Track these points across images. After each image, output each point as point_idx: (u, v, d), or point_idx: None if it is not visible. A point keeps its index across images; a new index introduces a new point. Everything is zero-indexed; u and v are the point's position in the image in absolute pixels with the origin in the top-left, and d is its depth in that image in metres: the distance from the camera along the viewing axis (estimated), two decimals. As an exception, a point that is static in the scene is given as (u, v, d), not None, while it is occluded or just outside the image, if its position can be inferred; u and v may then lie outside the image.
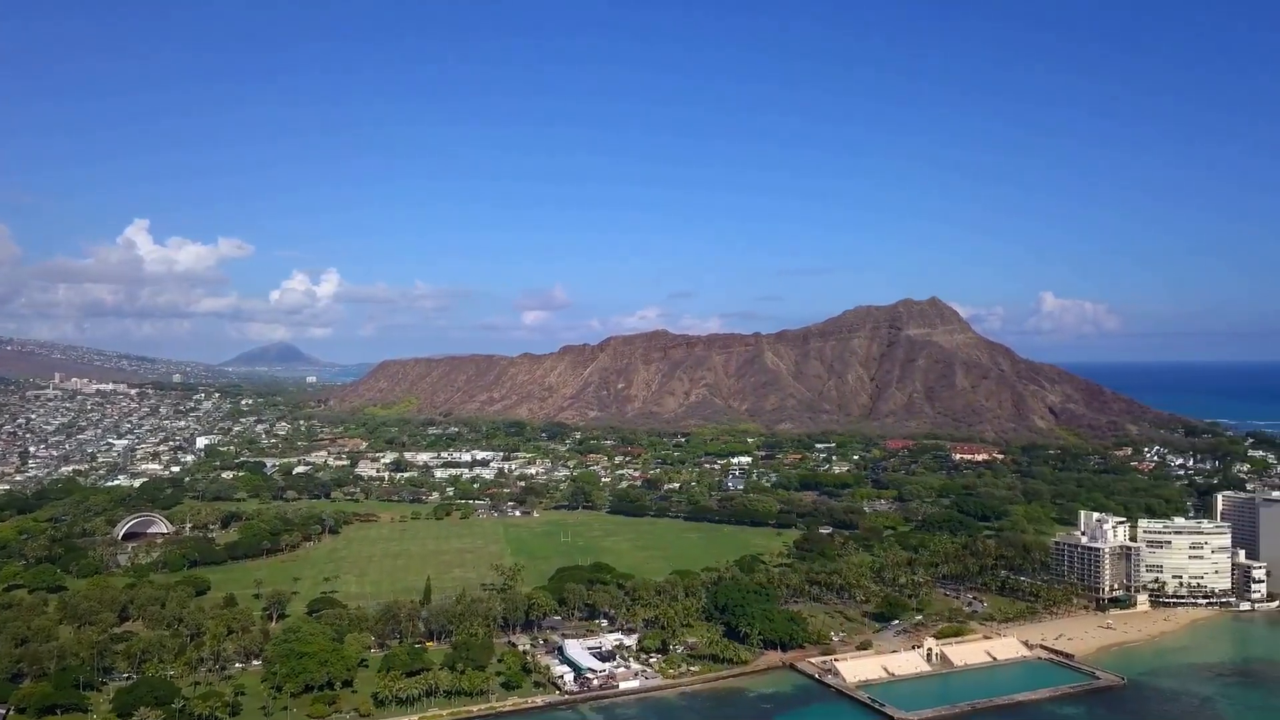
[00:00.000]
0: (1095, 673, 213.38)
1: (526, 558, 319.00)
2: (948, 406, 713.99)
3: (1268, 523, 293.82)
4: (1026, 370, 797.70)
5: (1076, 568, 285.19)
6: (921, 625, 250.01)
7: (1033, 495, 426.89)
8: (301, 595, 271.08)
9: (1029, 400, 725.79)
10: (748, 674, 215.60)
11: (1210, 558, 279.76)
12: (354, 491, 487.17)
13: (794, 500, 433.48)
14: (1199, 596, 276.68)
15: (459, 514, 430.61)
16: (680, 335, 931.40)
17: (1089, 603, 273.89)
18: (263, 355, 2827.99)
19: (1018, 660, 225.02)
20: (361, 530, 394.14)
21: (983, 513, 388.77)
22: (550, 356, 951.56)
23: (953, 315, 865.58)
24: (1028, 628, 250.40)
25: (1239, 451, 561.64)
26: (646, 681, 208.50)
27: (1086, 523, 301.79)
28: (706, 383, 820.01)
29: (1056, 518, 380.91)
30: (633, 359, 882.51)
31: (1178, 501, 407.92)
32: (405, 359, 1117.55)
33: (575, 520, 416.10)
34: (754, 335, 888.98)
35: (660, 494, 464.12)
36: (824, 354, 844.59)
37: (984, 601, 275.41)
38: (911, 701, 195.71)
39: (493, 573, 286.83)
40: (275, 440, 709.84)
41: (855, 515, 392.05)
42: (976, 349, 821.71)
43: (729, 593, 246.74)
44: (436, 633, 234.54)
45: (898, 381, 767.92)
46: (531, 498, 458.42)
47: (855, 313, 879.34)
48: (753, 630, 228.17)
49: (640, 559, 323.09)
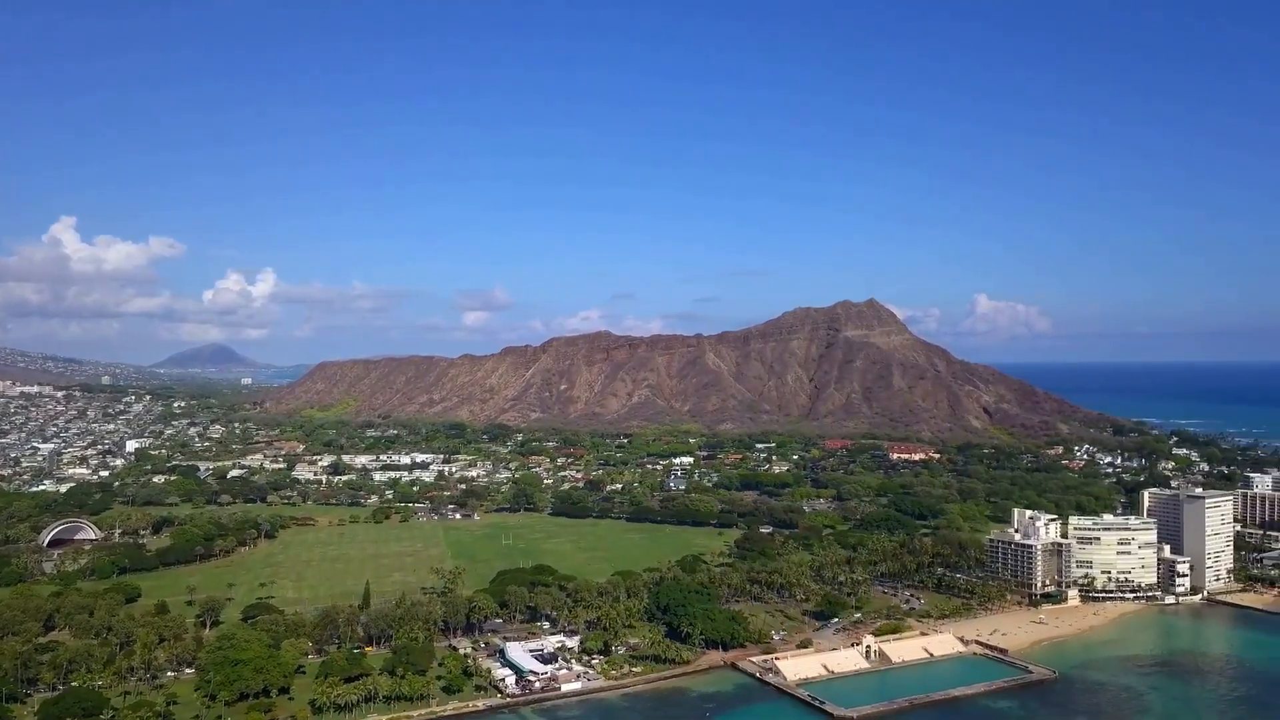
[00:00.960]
0: (1028, 667, 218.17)
1: (467, 560, 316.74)
2: (885, 407, 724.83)
3: (1190, 519, 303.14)
4: (962, 371, 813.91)
5: (1010, 564, 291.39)
6: (860, 623, 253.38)
7: (968, 494, 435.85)
8: (237, 601, 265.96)
9: (964, 400, 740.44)
10: (690, 674, 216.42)
11: (1137, 553, 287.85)
12: (291, 495, 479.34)
13: (735, 500, 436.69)
14: (1127, 591, 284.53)
15: (398, 517, 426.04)
16: (623, 336, 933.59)
17: (1022, 598, 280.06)
18: (196, 357, 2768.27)
19: (954, 656, 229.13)
20: (299, 534, 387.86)
21: (920, 511, 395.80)
22: (491, 358, 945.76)
23: (890, 317, 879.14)
24: (963, 624, 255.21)
25: (1164, 450, 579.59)
26: (589, 683, 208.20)
27: (1020, 520, 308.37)
28: (649, 384, 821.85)
29: (991, 516, 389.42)
30: (575, 360, 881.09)
31: (1107, 499, 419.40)
32: (343, 360, 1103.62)
33: (517, 522, 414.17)
34: (696, 336, 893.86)
35: (603, 495, 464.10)
36: (764, 355, 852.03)
37: (921, 599, 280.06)
38: (851, 699, 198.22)
39: (433, 576, 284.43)
40: (209, 443, 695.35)
41: (795, 514, 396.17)
42: (913, 350, 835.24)
43: (671, 593, 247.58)
44: (376, 637, 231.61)
45: (836, 382, 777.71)
46: (472, 500, 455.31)
47: (795, 314, 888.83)
48: (694, 630, 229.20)
49: (582, 560, 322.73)
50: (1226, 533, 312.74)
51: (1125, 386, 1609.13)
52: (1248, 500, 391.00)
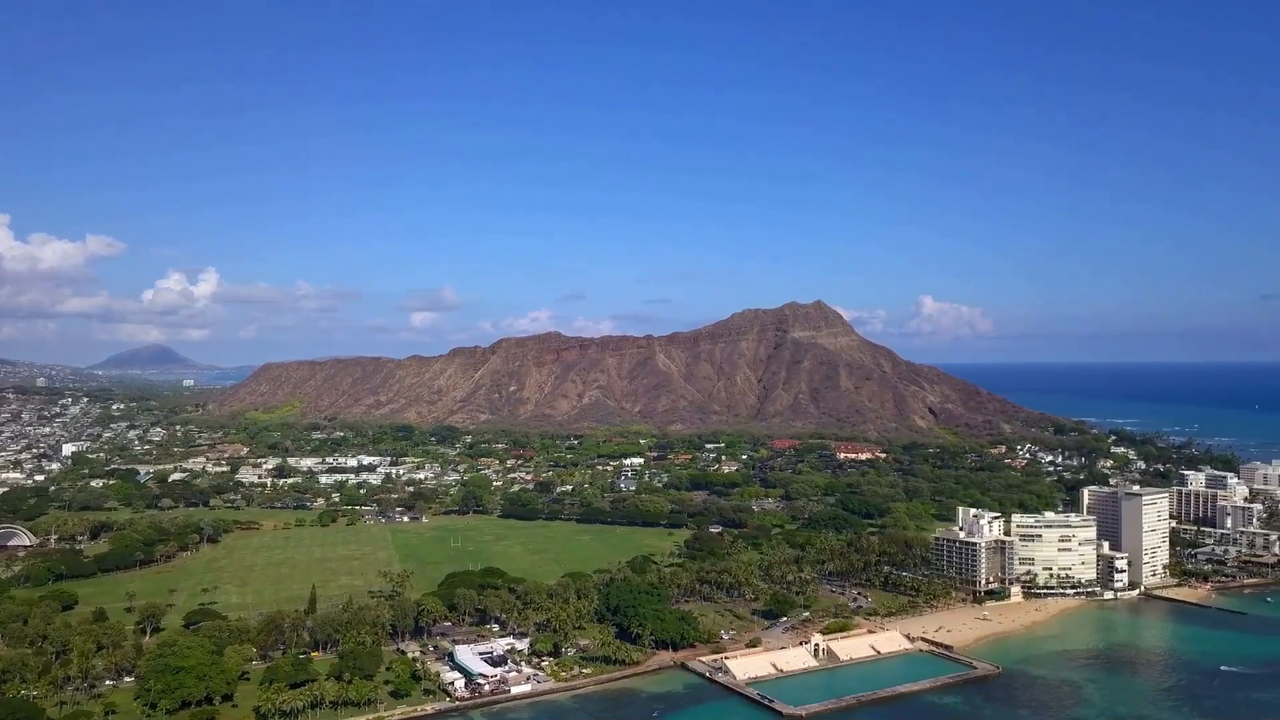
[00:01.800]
0: (973, 663, 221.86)
1: (416, 564, 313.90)
2: (832, 407, 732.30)
3: (1129, 515, 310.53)
4: (907, 371, 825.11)
5: (955, 562, 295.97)
6: (809, 622, 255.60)
7: (914, 493, 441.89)
8: (178, 608, 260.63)
9: (910, 400, 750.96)
10: (640, 674, 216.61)
11: (1078, 550, 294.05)
12: (234, 499, 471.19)
13: (685, 500, 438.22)
14: (1068, 587, 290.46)
15: (345, 520, 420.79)
16: (573, 337, 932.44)
17: (967, 595, 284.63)
18: (135, 358, 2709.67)
19: (900, 653, 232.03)
20: (242, 539, 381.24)
21: (866, 510, 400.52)
22: (440, 359, 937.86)
23: (837, 318, 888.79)
24: (909, 621, 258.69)
25: (1103, 448, 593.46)
26: (539, 685, 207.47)
27: (964, 519, 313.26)
28: (599, 385, 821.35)
29: (936, 514, 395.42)
30: (525, 361, 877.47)
31: (1048, 497, 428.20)
32: (288, 361, 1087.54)
33: (466, 525, 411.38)
34: (646, 337, 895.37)
35: (553, 496, 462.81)
36: (714, 356, 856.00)
37: (868, 597, 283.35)
38: (799, 696, 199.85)
39: (381, 579, 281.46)
40: (149, 447, 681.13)
41: (744, 514, 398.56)
42: (860, 351, 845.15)
43: (621, 594, 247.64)
44: (322, 642, 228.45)
45: (784, 382, 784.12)
46: (421, 503, 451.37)
47: (743, 315, 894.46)
48: (644, 630, 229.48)
49: (532, 562, 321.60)
50: (1162, 529, 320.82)
51: (1065, 387, 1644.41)
52: (1182, 497, 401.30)
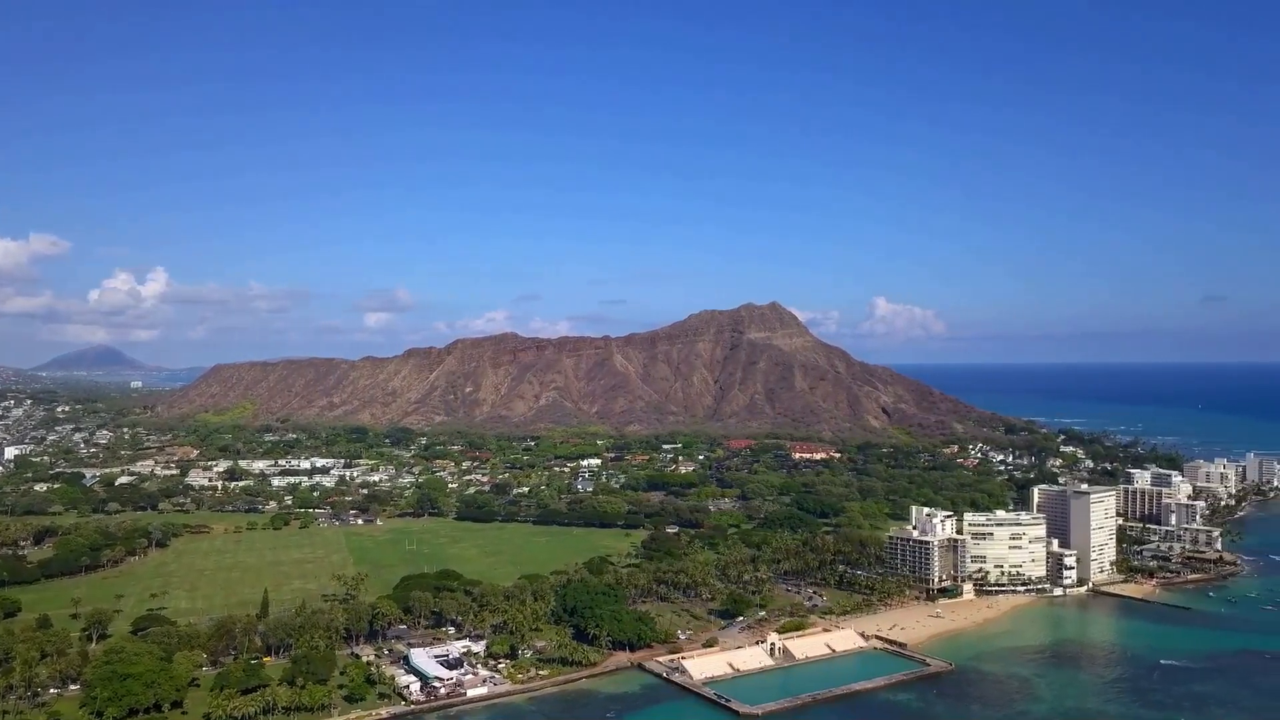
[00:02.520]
0: (926, 660, 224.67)
1: (370, 567, 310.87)
2: (787, 407, 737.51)
3: (1077, 514, 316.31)
4: (861, 372, 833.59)
5: (909, 560, 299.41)
6: (765, 621, 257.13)
7: (868, 492, 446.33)
8: (126, 613, 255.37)
9: (863, 401, 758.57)
10: (597, 675, 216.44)
11: (1028, 547, 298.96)
12: (184, 502, 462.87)
13: (642, 501, 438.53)
14: (1018, 584, 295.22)
15: (298, 523, 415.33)
16: (529, 338, 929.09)
17: (920, 593, 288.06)
18: (80, 359, 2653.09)
19: (855, 651, 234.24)
20: (192, 543, 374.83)
21: (821, 510, 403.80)
22: (394, 360, 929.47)
23: (792, 319, 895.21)
24: (864, 619, 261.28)
25: (1052, 448, 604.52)
26: (495, 688, 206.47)
27: (917, 517, 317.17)
28: (556, 386, 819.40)
29: (890, 513, 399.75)
30: (481, 362, 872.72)
31: (999, 495, 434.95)
32: (239, 363, 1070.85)
33: (421, 527, 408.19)
34: (603, 338, 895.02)
35: (509, 498, 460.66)
36: (671, 357, 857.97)
37: (823, 596, 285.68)
38: (756, 695, 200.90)
39: (335, 583, 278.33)
40: (96, 449, 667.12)
41: (700, 514, 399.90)
42: (814, 352, 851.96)
43: (578, 595, 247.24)
44: (275, 647, 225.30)
45: (740, 383, 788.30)
46: (375, 505, 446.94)
47: (700, 316, 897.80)
48: (601, 631, 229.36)
49: (488, 564, 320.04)
50: (1110, 526, 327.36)
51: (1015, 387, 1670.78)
52: (1129, 495, 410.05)
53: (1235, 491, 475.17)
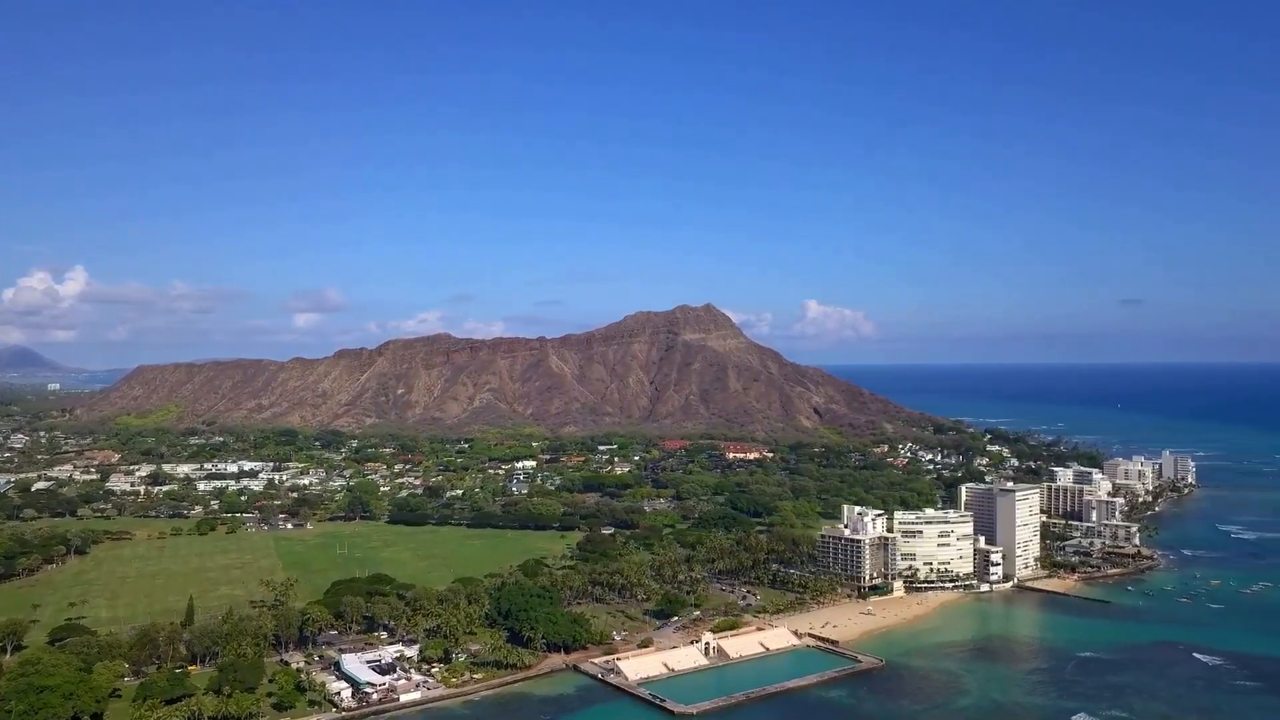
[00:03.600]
0: (858, 657, 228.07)
1: (300, 571, 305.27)
2: (722, 408, 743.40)
3: (1003, 511, 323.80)
4: (793, 373, 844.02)
5: (840, 559, 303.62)
6: (699, 620, 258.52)
7: (800, 491, 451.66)
8: (43, 624, 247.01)
9: (796, 401, 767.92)
10: (532, 678, 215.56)
11: (956, 545, 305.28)
12: (105, 508, 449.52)
13: (577, 502, 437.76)
14: (947, 581, 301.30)
15: (225, 528, 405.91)
16: (463, 339, 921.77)
17: (852, 591, 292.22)
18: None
19: (788, 649, 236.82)
20: (113, 550, 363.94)
21: (755, 509, 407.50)
22: (324, 361, 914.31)
23: (726, 321, 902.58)
24: (797, 618, 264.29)
25: (979, 447, 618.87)
26: (429, 692, 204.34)
27: (849, 516, 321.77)
28: (491, 387, 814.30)
29: (822, 512, 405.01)
30: (413, 363, 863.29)
31: (928, 494, 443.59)
32: (163, 364, 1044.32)
33: (353, 531, 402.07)
34: (539, 339, 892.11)
35: (442, 501, 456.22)
36: (607, 358, 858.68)
37: (757, 594, 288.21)
38: (691, 695, 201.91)
39: (263, 588, 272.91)
40: (10, 454, 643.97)
41: (636, 515, 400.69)
42: (748, 353, 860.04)
43: (512, 597, 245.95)
44: (201, 655, 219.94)
45: (675, 384, 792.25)
46: (305, 509, 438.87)
47: (635, 318, 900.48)
48: (536, 634, 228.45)
49: (422, 568, 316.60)
50: (1034, 523, 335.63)
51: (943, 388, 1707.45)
52: (1052, 492, 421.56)
53: (1152, 488, 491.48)
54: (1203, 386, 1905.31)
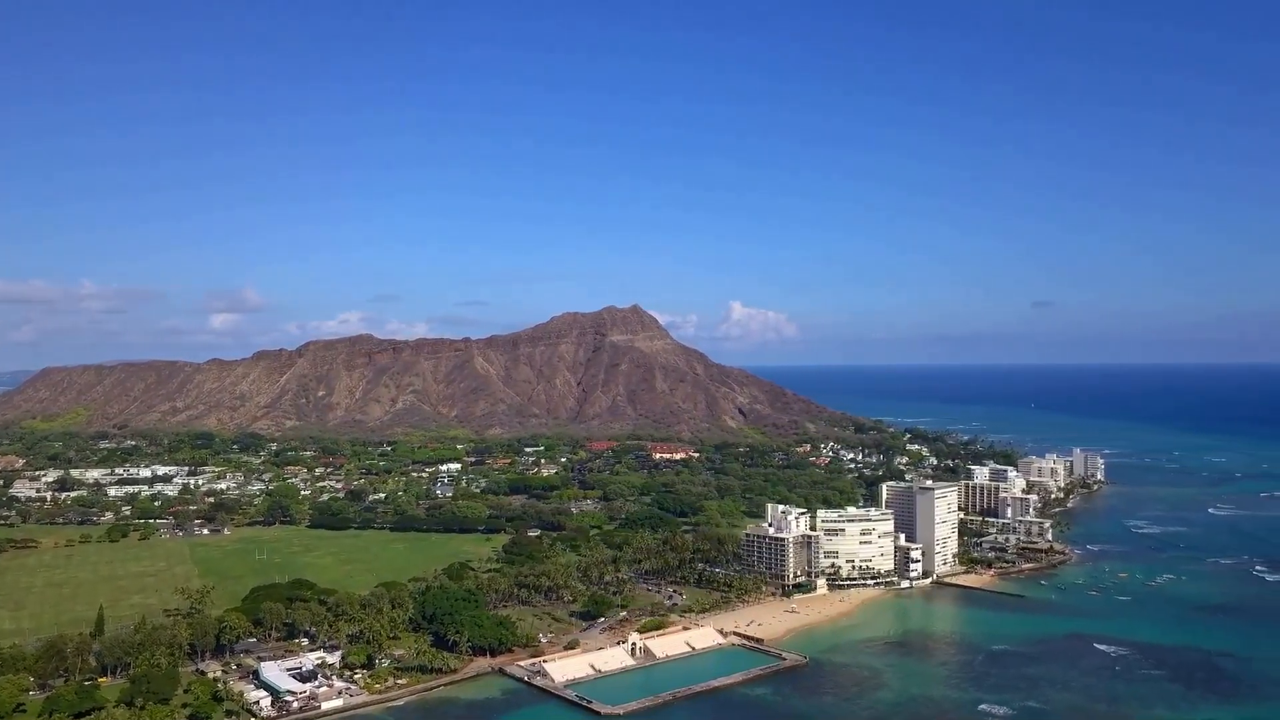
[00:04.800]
0: (782, 655, 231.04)
1: (217, 578, 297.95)
2: (649, 408, 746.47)
3: (922, 509, 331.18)
4: (718, 374, 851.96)
5: (765, 557, 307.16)
6: (626, 621, 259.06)
7: (725, 491, 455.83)
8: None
9: (721, 402, 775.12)
10: (457, 682, 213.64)
11: (877, 543, 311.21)
12: (8, 515, 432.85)
13: (503, 504, 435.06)
14: (868, 578, 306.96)
15: (138, 535, 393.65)
16: (386, 340, 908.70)
17: (776, 589, 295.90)
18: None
19: (714, 648, 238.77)
20: (17, 559, 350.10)
21: (681, 509, 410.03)
22: (243, 362, 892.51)
23: (652, 322, 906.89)
24: (723, 616, 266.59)
25: (899, 446, 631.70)
26: (351, 699, 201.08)
27: (773, 515, 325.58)
28: (414, 389, 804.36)
29: (747, 511, 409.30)
30: (334, 365, 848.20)
31: (850, 492, 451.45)
32: (71, 366, 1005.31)
33: (272, 536, 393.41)
34: (464, 340, 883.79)
35: (365, 505, 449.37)
36: (533, 359, 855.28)
37: (683, 594, 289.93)
38: (617, 696, 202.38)
39: (178, 596, 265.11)
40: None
41: (562, 516, 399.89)
42: (674, 354, 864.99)
43: (437, 601, 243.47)
44: (112, 667, 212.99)
45: (603, 385, 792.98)
46: (222, 514, 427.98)
47: (562, 319, 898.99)
48: (461, 637, 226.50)
49: (344, 573, 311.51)
50: (952, 521, 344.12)
51: (864, 388, 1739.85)
52: (969, 490, 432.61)
53: (1064, 485, 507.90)
54: (1110, 386, 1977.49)
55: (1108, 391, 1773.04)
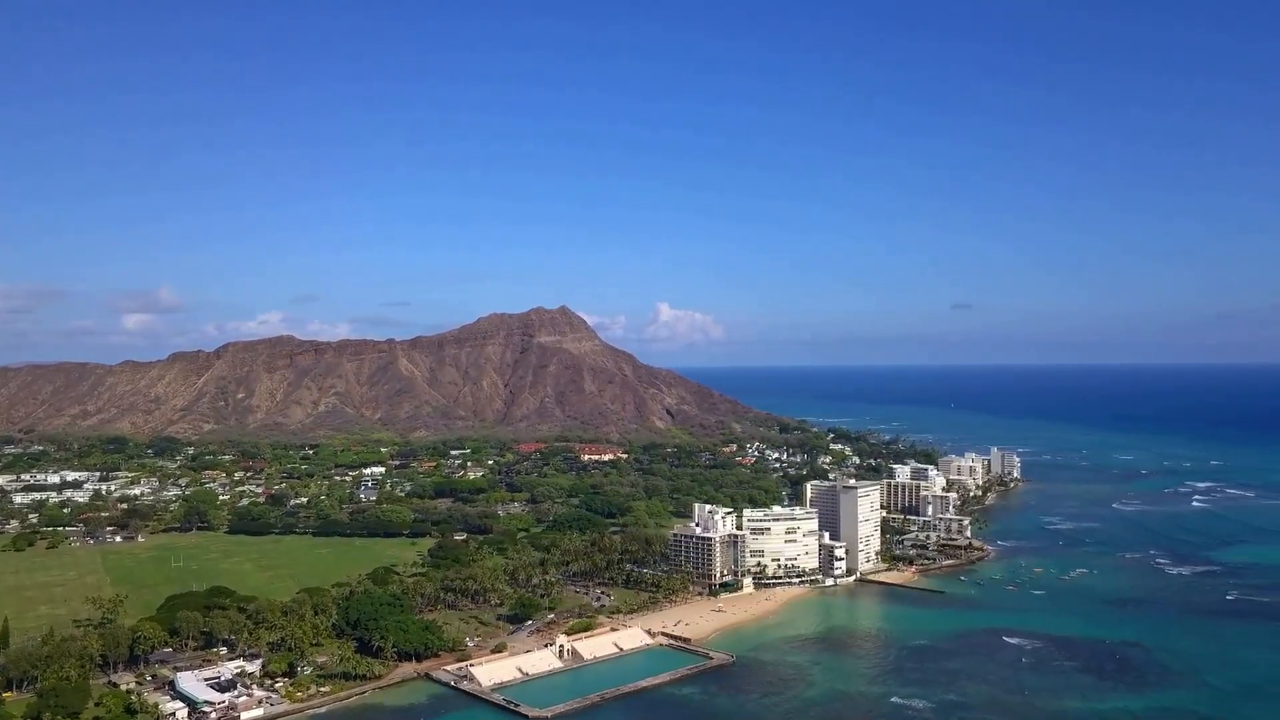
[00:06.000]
0: (709, 654, 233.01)
1: (131, 587, 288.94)
2: (577, 410, 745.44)
3: (845, 507, 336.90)
4: (647, 375, 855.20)
5: (692, 557, 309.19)
6: (553, 623, 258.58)
7: (653, 491, 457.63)
8: None
9: (649, 403, 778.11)
10: (382, 688, 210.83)
11: (802, 541, 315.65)
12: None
13: (429, 508, 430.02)
14: (794, 576, 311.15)
15: (46, 543, 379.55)
16: (308, 341, 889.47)
17: (703, 589, 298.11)
18: None
19: (642, 648, 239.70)
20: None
21: (609, 510, 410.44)
22: (158, 364, 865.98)
23: (581, 323, 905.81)
24: (650, 617, 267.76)
25: (822, 445, 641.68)
26: (272, 708, 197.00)
27: (700, 515, 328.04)
28: (337, 391, 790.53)
29: (674, 511, 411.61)
30: (254, 367, 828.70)
31: (775, 492, 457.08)
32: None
33: (189, 543, 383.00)
34: (388, 341, 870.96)
35: (287, 510, 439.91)
36: (459, 360, 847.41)
37: (611, 595, 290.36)
38: (545, 698, 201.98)
39: (89, 606, 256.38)
40: None
41: (489, 519, 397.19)
42: (603, 355, 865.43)
43: (361, 606, 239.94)
44: (18, 681, 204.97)
45: (530, 387, 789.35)
46: (136, 521, 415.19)
47: (489, 320, 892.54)
48: (386, 643, 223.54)
49: (265, 579, 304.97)
50: (875, 519, 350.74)
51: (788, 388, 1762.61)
52: (891, 489, 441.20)
53: (982, 483, 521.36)
54: (1026, 386, 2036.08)
55: (1024, 391, 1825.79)
